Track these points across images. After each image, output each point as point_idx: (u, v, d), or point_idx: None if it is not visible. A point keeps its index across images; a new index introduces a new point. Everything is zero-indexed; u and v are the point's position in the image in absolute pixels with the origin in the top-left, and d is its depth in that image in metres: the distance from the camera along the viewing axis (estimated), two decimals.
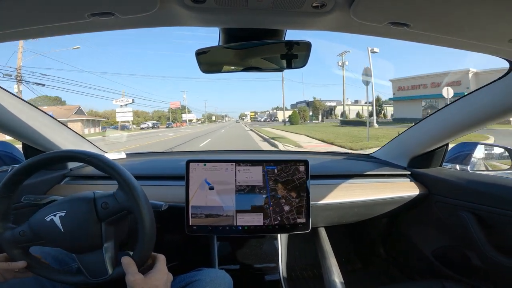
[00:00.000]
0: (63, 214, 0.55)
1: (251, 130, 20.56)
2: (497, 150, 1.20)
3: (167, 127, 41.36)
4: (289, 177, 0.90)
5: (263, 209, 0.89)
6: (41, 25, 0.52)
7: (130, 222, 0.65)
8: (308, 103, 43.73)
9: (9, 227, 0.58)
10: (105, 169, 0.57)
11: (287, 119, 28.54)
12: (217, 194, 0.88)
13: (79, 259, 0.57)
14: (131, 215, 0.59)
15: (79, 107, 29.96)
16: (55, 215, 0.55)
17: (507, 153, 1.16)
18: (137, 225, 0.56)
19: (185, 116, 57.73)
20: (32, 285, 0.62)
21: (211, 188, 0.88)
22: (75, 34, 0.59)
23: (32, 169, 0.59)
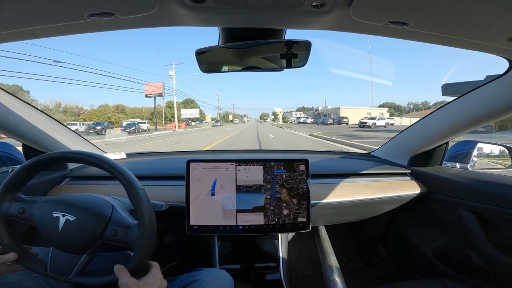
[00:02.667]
0: (71, 219, 0.55)
1: None
2: (497, 149, 1.20)
3: (97, 132, 20.91)
4: (294, 184, 0.91)
5: (264, 208, 0.89)
6: (40, 26, 0.52)
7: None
8: None
9: (17, 197, 0.58)
10: (134, 202, 0.56)
11: None
12: (218, 193, 0.88)
13: (53, 252, 0.57)
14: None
15: None
16: (63, 216, 0.55)
17: (507, 152, 1.17)
18: (135, 251, 0.55)
19: (185, 113, 38.20)
20: (30, 285, 0.62)
21: (212, 188, 0.89)
22: (75, 34, 0.59)
23: (63, 159, 0.60)
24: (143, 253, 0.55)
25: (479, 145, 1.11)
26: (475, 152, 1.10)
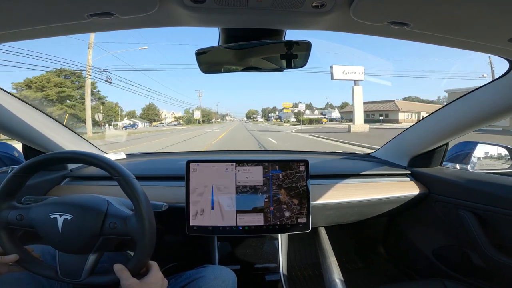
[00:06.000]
0: (68, 218, 0.55)
1: None
2: (497, 150, 1.20)
3: None
4: (293, 183, 0.90)
5: (264, 209, 0.89)
6: (40, 26, 0.52)
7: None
8: None
9: (12, 205, 0.58)
10: (128, 192, 0.56)
11: None
12: (217, 194, 0.88)
13: (59, 255, 0.57)
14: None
15: None
16: (60, 216, 0.55)
17: (507, 152, 1.16)
18: (137, 244, 0.55)
19: None
20: (29, 283, 0.62)
21: (211, 188, 0.88)
22: (75, 34, 0.59)
23: (52, 161, 0.59)
24: (144, 246, 0.55)
25: (479, 145, 1.11)
26: (475, 153, 1.10)
